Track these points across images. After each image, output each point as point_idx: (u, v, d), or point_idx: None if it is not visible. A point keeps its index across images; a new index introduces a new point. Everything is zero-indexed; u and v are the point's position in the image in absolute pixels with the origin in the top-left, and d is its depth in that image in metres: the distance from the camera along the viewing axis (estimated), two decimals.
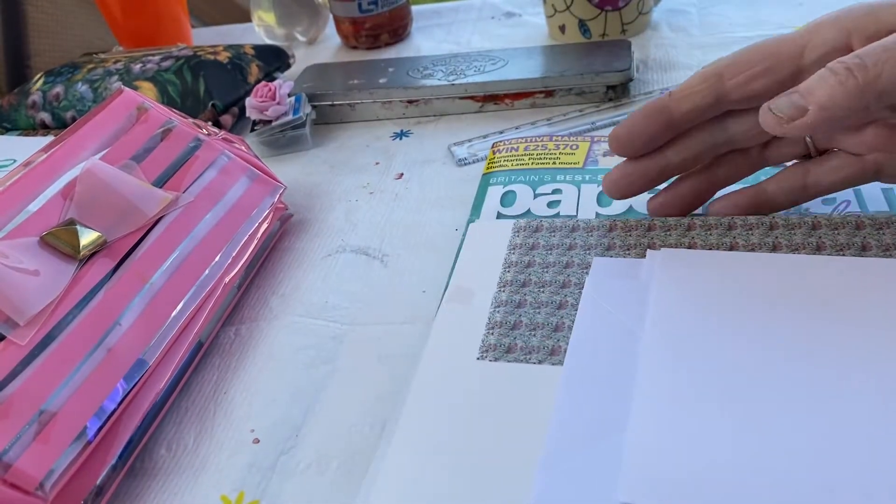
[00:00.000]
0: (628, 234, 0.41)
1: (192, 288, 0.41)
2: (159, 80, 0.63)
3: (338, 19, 0.78)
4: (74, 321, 0.37)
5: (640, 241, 0.40)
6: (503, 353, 0.36)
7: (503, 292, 0.40)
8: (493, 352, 0.36)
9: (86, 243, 0.39)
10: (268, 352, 0.42)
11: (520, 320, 0.38)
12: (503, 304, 0.39)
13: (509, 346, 0.36)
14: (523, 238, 0.43)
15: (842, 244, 0.37)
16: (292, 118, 0.60)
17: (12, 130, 0.68)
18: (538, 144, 0.52)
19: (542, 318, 0.38)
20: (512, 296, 0.39)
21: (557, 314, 0.38)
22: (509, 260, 0.42)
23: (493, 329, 0.38)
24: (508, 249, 0.42)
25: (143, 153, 0.45)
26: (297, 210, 0.53)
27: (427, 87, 0.62)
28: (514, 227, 0.44)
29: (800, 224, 0.39)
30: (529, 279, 0.40)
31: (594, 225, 0.42)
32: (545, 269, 0.40)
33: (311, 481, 0.34)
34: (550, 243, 0.42)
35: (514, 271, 0.41)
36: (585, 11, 0.67)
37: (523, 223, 0.44)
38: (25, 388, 0.34)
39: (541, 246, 0.42)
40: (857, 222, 0.38)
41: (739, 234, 0.39)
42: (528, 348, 0.36)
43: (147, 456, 0.37)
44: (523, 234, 0.43)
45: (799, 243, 0.38)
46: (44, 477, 0.32)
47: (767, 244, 0.38)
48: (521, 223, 0.44)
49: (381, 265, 0.47)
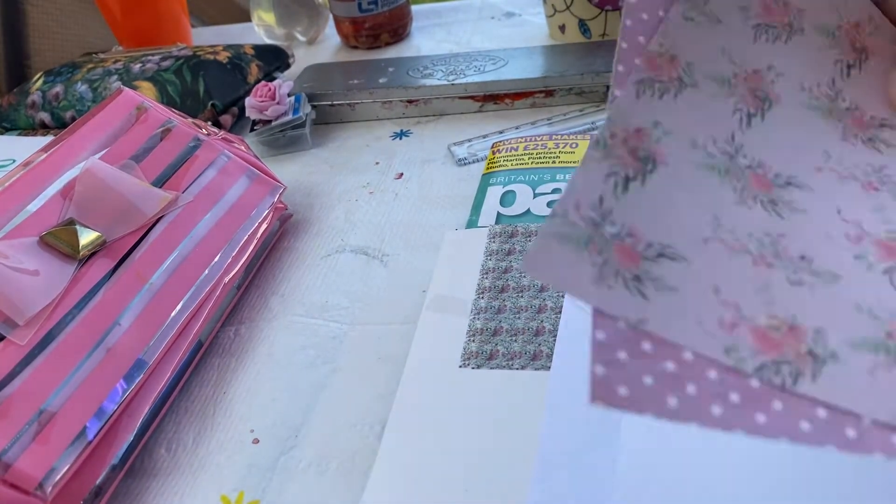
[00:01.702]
0: None
1: (191, 288, 0.41)
2: (159, 79, 0.63)
3: (338, 19, 0.78)
4: (74, 321, 0.37)
5: None
6: (485, 360, 0.36)
7: (482, 299, 0.40)
8: (475, 359, 0.36)
9: (85, 243, 0.39)
10: (267, 352, 0.42)
11: (500, 326, 0.38)
12: (483, 311, 0.39)
13: (491, 353, 0.36)
14: (499, 244, 0.43)
15: None
16: (292, 118, 0.60)
17: (12, 130, 0.68)
18: (538, 144, 0.52)
19: (522, 322, 0.38)
20: (491, 302, 0.39)
21: (537, 318, 0.38)
22: (486, 266, 0.41)
23: (473, 336, 0.38)
24: (485, 256, 0.42)
25: (142, 153, 0.45)
26: (296, 210, 0.53)
27: (427, 87, 0.62)
28: (490, 233, 0.44)
29: None
30: (507, 284, 0.40)
31: None
32: (523, 274, 0.40)
33: (311, 481, 0.34)
34: (527, 248, 0.42)
35: (492, 277, 0.41)
36: (585, 11, 0.67)
37: (499, 229, 0.44)
38: (25, 388, 0.34)
39: (517, 251, 0.42)
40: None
41: None
42: (510, 354, 0.36)
43: (147, 456, 0.37)
44: (499, 239, 0.43)
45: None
46: (43, 477, 0.32)
47: None
48: (496, 229, 0.44)
49: (380, 265, 0.47)
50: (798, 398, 0.20)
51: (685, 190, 0.24)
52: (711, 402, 0.19)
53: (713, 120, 0.26)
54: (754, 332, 0.21)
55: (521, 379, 0.35)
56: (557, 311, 0.38)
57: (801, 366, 0.20)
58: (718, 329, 0.21)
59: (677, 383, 0.19)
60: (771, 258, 0.23)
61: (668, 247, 0.22)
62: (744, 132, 0.26)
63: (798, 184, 0.26)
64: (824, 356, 0.21)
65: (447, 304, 0.40)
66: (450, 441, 0.33)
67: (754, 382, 0.20)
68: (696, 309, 0.21)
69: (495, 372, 0.35)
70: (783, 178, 0.26)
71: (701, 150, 0.25)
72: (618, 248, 0.21)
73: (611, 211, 0.22)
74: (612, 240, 0.21)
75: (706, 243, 0.23)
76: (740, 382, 0.20)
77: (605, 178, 0.23)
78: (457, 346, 0.37)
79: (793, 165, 0.26)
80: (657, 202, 0.23)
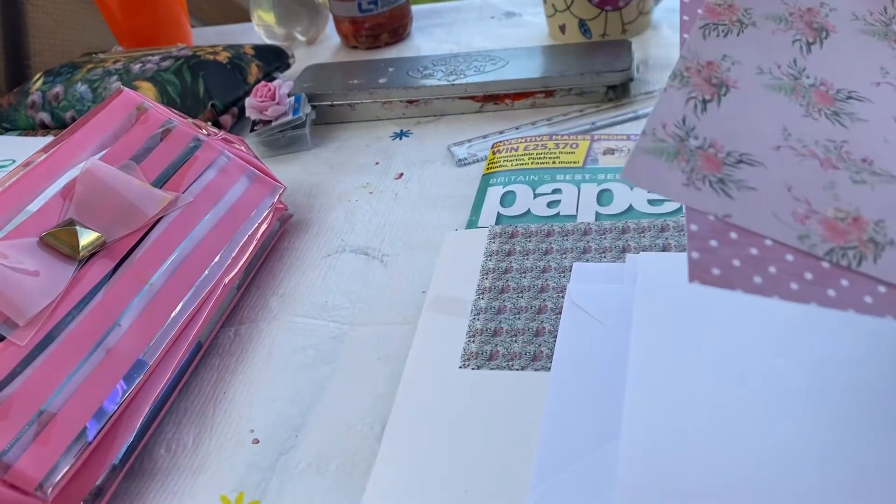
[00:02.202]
0: (603, 237, 0.41)
1: (191, 288, 0.41)
2: (159, 80, 0.63)
3: (337, 19, 0.78)
4: (74, 322, 0.37)
5: (616, 243, 0.41)
6: (485, 360, 0.36)
7: (482, 299, 0.40)
8: (475, 360, 0.36)
9: (85, 244, 0.39)
10: (267, 352, 0.42)
11: (500, 327, 0.38)
12: (483, 312, 0.39)
13: (491, 354, 0.36)
14: (499, 244, 0.43)
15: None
16: (292, 118, 0.60)
17: (12, 130, 0.68)
18: (538, 144, 0.52)
19: (522, 323, 0.38)
20: (491, 302, 0.39)
21: (537, 319, 0.38)
22: (486, 267, 0.41)
23: (473, 337, 0.38)
24: (485, 256, 0.42)
25: (142, 153, 0.45)
26: (296, 210, 0.53)
27: (427, 87, 0.62)
28: (490, 234, 0.44)
29: None
30: (508, 285, 0.40)
31: (569, 229, 0.42)
32: (523, 275, 0.40)
33: (311, 481, 0.34)
34: (527, 248, 0.42)
35: (492, 278, 0.41)
36: (586, 11, 0.67)
37: (499, 229, 0.44)
38: (25, 388, 0.34)
39: (517, 251, 0.42)
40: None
41: None
42: (510, 355, 0.36)
43: (147, 456, 0.37)
44: (499, 240, 0.43)
45: None
46: (43, 477, 0.32)
47: None
48: (496, 229, 0.44)
49: (380, 265, 0.47)
50: (862, 277, 0.24)
51: (756, 106, 0.28)
52: (790, 279, 0.23)
53: (775, 49, 0.31)
54: (823, 223, 0.25)
55: (521, 380, 0.35)
56: (557, 312, 0.38)
57: (864, 251, 0.24)
58: (793, 221, 0.24)
59: (761, 265, 0.23)
60: (836, 161, 0.27)
61: (746, 154, 0.26)
62: (805, 57, 0.31)
63: (858, 97, 0.30)
64: (883, 243, 0.25)
65: (447, 304, 0.40)
66: (450, 441, 0.33)
67: (825, 264, 0.24)
68: (772, 204, 0.25)
69: (495, 373, 0.35)
70: (844, 93, 0.30)
71: (767, 74, 0.30)
72: (702, 157, 0.25)
73: (693, 127, 0.26)
74: (696, 150, 0.26)
75: (778, 150, 0.27)
76: (813, 263, 0.24)
77: (685, 101, 0.27)
78: (457, 346, 0.37)
79: (852, 81, 0.30)
80: (733, 118, 0.27)
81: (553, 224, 0.43)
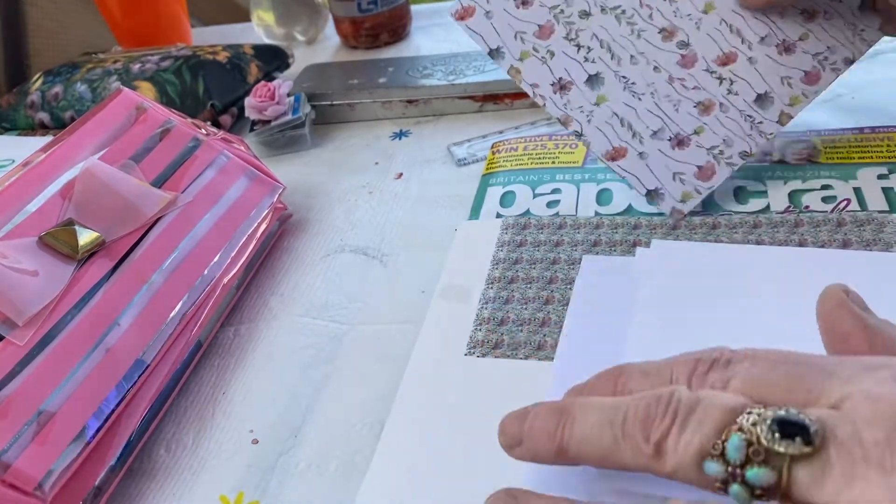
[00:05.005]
0: (615, 231, 0.42)
1: (190, 288, 0.41)
2: (158, 79, 0.63)
3: (337, 19, 0.78)
4: (73, 321, 0.37)
5: (626, 237, 0.41)
6: (490, 348, 0.37)
7: (491, 289, 0.40)
8: (481, 347, 0.37)
9: (84, 243, 0.39)
10: (267, 352, 0.42)
11: (507, 316, 0.38)
12: (491, 301, 0.39)
13: (496, 342, 0.37)
14: (511, 235, 0.43)
15: (823, 241, 0.38)
16: (291, 118, 0.60)
17: (11, 130, 0.68)
18: (538, 144, 0.52)
19: (529, 313, 0.38)
20: (500, 292, 0.39)
21: (544, 310, 0.38)
22: (497, 257, 0.42)
23: (480, 325, 0.38)
24: (497, 246, 0.43)
25: (141, 153, 0.45)
26: (296, 210, 0.53)
27: (426, 87, 0.62)
28: (503, 225, 0.44)
29: (782, 222, 0.39)
30: (517, 275, 0.40)
31: (581, 222, 0.43)
32: (532, 266, 0.41)
33: (311, 481, 0.34)
34: (538, 240, 0.42)
35: (503, 268, 0.41)
36: None
37: (512, 220, 0.44)
38: (24, 388, 0.33)
39: (528, 243, 0.42)
40: (838, 220, 0.38)
41: (723, 232, 0.40)
42: (515, 344, 0.36)
43: (146, 456, 0.37)
44: (512, 231, 0.43)
45: (782, 240, 0.38)
46: (42, 477, 0.32)
47: (751, 241, 0.38)
48: (509, 220, 0.44)
49: (380, 265, 0.47)
50: None
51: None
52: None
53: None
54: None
55: (525, 368, 0.35)
56: (564, 304, 0.38)
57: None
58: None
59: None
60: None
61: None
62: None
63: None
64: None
65: (458, 292, 0.40)
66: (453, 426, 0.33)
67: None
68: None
69: (500, 360, 0.36)
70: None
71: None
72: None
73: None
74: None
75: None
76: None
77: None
78: (464, 334, 0.38)
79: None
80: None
81: (565, 217, 0.43)
